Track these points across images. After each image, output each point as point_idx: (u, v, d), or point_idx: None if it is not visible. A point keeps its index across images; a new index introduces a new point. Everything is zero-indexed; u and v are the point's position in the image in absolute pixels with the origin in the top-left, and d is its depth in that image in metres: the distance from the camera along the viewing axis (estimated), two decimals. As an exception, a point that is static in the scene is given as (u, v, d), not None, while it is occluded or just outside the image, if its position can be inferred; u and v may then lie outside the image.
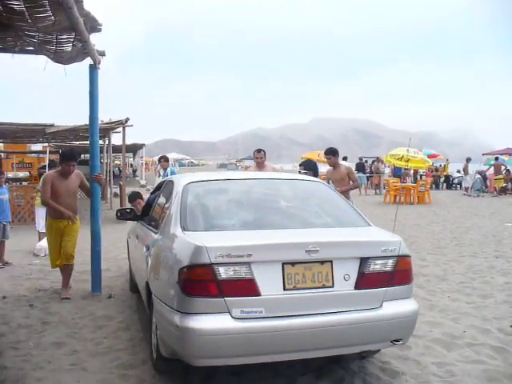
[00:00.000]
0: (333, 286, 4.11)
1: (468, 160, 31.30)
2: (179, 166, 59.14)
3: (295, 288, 4.03)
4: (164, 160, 14.40)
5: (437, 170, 34.95)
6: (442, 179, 35.26)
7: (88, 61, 7.47)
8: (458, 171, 34.90)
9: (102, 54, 7.54)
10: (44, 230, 9.71)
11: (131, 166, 50.30)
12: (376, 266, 4.23)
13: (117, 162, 42.07)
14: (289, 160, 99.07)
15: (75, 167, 7.52)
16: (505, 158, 33.27)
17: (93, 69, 7.52)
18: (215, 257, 3.83)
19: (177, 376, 4.61)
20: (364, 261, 4.20)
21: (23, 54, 7.13)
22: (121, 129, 20.29)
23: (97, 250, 7.84)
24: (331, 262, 4.13)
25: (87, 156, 36.16)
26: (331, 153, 8.69)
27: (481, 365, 4.92)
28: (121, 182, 20.07)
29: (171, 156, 58.45)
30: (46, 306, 7.17)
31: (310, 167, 8.34)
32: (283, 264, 4.02)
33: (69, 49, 6.81)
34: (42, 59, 6.92)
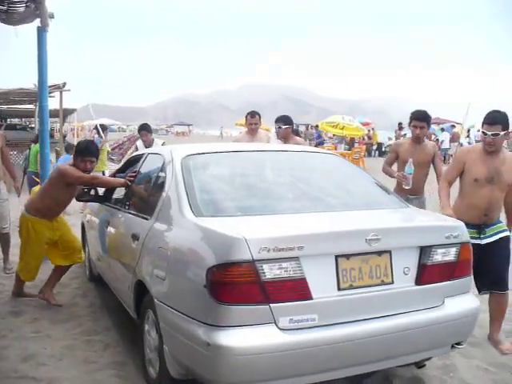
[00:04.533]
0: (393, 283, 3.33)
1: (400, 127, 31.31)
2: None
3: (351, 287, 3.20)
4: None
5: (369, 137, 34.97)
6: (375, 147, 35.20)
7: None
8: (390, 138, 35.04)
9: (52, 16, 7.08)
10: None
11: (58, 131, 48.09)
12: (438, 256, 3.47)
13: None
14: (218, 126, 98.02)
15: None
16: (434, 127, 33.85)
17: (41, 31, 7.02)
18: (258, 251, 2.91)
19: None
20: (425, 250, 3.43)
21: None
22: (56, 93, 18.74)
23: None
24: (390, 252, 3.32)
25: (14, 121, 34.00)
26: (282, 121, 6.72)
27: None
28: (57, 148, 18.58)
29: (102, 121, 56.16)
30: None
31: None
32: (337, 257, 3.17)
33: (22, 9, 6.64)
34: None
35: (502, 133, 4.45)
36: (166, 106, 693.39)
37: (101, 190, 5.54)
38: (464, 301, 3.59)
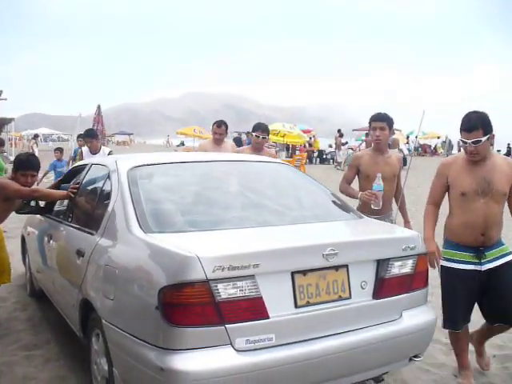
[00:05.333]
0: (350, 298, 3.25)
1: (340, 134, 31.80)
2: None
3: (309, 304, 3.10)
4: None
5: (310, 145, 35.38)
6: (316, 154, 35.60)
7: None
8: (330, 146, 35.44)
9: None
10: None
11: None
12: (395, 269, 3.42)
13: None
14: (161, 135, 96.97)
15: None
16: None
17: None
18: (213, 270, 2.77)
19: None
20: (382, 263, 3.37)
21: None
22: None
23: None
24: (347, 266, 3.24)
25: None
26: (262, 130, 6.25)
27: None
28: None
29: (41, 131, 54.74)
30: None
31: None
32: (293, 274, 3.06)
33: None
34: None
35: (484, 138, 3.73)
36: (107, 115, 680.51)
37: (42, 202, 5.27)
38: (421, 313, 3.55)
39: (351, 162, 5.22)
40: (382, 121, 4.91)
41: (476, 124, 3.72)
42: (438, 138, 46.43)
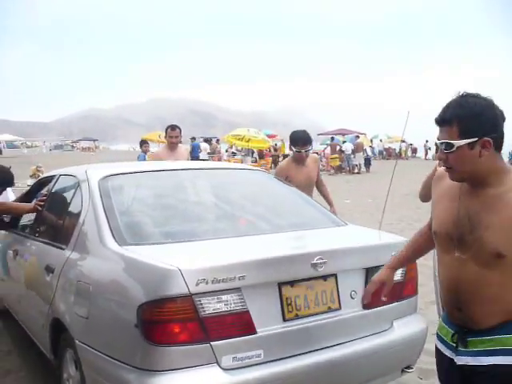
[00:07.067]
0: (340, 308, 3.10)
1: None
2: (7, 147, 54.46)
3: (297, 317, 2.93)
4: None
5: (275, 149, 35.47)
6: (281, 159, 35.90)
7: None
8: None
9: None
10: None
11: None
12: None
13: None
14: (125, 141, 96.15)
15: None
16: (339, 138, 34.99)
17: None
18: (196, 283, 2.58)
19: None
20: (371, 271, 3.21)
21: None
22: None
23: None
24: (335, 276, 3.09)
25: None
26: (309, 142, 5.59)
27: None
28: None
29: (3, 138, 53.58)
30: None
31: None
32: (280, 285, 2.89)
33: None
34: None
35: (460, 142, 2.02)
36: (71, 121, 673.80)
37: (7, 217, 4.99)
38: (412, 322, 3.44)
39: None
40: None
41: (450, 115, 2.05)
42: (402, 141, 46.93)
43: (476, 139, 2.01)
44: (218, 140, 36.10)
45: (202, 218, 3.65)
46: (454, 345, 2.24)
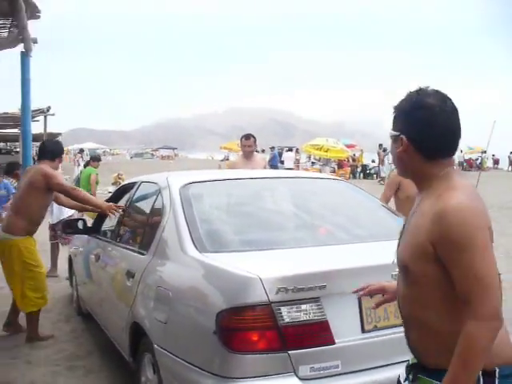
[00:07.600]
0: None
1: (384, 149, 31.03)
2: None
3: (376, 328, 2.88)
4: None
5: (354, 160, 34.92)
6: (359, 169, 35.14)
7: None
8: (373, 161, 34.82)
9: (35, 41, 7.15)
10: None
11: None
12: None
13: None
14: (203, 149, 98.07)
15: None
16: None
17: (25, 56, 7.05)
18: (275, 292, 2.58)
19: None
20: None
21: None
22: (40, 117, 18.83)
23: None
24: None
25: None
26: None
27: None
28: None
29: (87, 146, 55.79)
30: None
31: None
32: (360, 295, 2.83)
33: (5, 35, 6.63)
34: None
35: (391, 133, 1.97)
36: (150, 130, 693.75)
37: (89, 222, 5.18)
38: None
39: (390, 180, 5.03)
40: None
41: (394, 106, 1.99)
42: (484, 152, 45.16)
43: (397, 134, 1.91)
44: (297, 149, 36.05)
45: (282, 227, 3.65)
46: (407, 374, 2.01)
